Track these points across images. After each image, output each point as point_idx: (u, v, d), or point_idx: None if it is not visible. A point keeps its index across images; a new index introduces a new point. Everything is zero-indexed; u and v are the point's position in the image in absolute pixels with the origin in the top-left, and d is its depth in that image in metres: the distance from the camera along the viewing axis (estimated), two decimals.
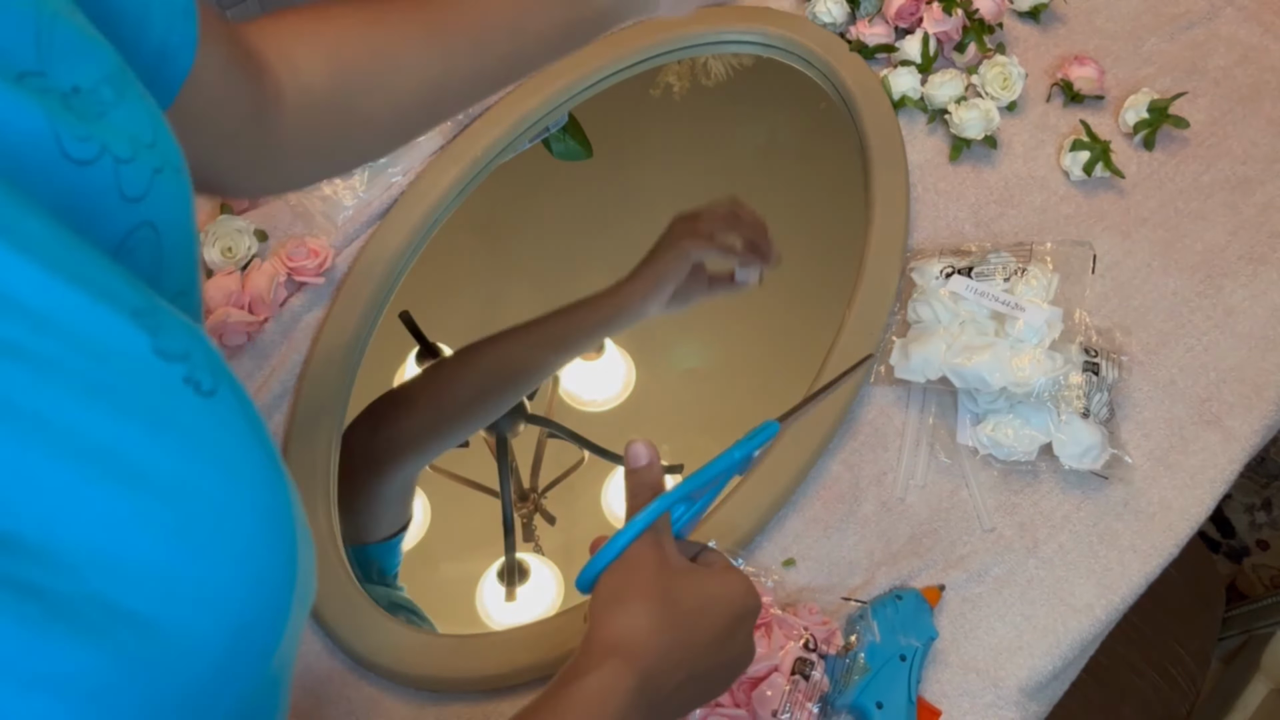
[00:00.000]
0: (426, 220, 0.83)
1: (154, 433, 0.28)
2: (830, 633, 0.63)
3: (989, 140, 0.84)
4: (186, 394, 0.29)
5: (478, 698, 0.66)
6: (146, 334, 0.29)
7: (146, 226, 0.34)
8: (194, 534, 0.28)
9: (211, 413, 0.30)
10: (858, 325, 0.76)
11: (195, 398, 0.29)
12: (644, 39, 0.91)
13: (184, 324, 0.30)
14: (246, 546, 0.30)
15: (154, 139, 0.35)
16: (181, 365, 0.29)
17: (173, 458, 0.28)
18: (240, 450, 0.30)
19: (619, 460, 0.85)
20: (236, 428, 0.30)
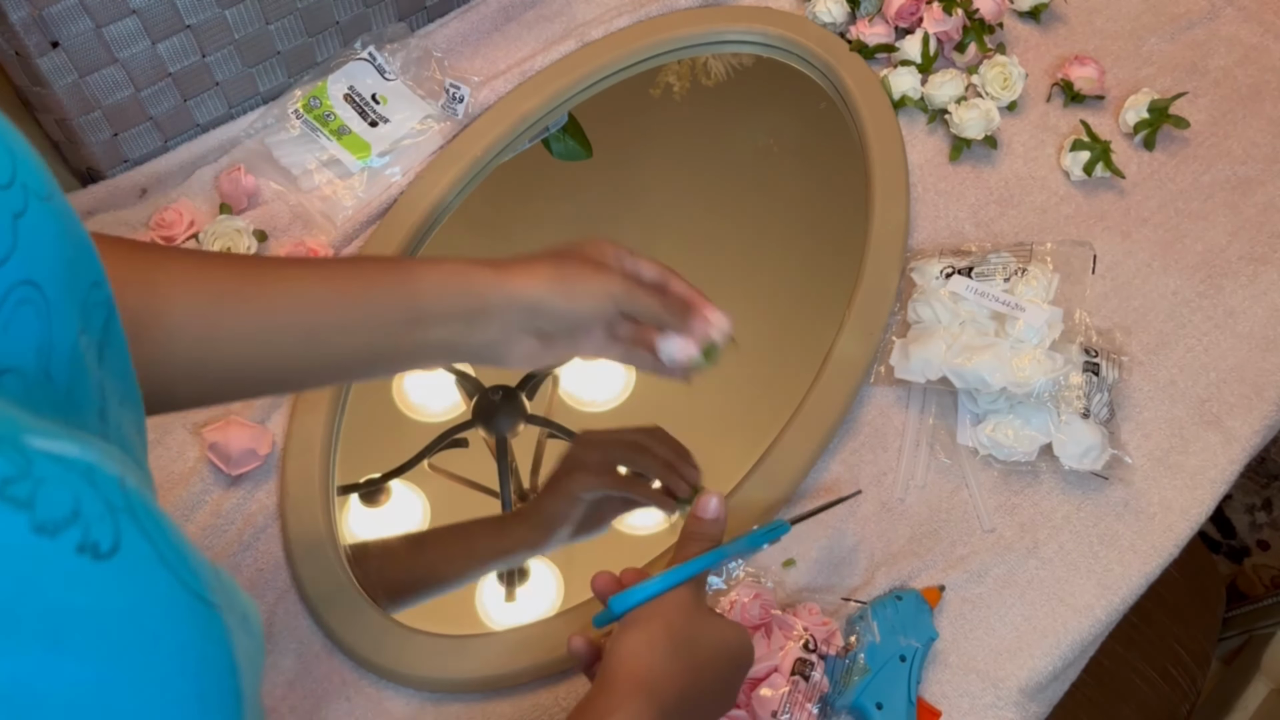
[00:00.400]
0: (426, 220, 0.83)
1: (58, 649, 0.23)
2: (830, 633, 0.63)
3: (989, 140, 0.84)
4: (84, 566, 0.24)
5: (478, 698, 0.66)
6: (22, 511, 0.23)
7: (24, 286, 0.29)
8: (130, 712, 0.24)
9: (116, 578, 0.25)
10: (858, 325, 0.76)
11: (94, 566, 0.24)
12: (644, 39, 0.91)
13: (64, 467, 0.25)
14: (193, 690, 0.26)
15: (11, 175, 0.29)
16: (71, 531, 0.24)
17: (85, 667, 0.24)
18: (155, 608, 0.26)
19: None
20: (145, 581, 0.26)
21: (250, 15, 0.81)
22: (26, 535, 0.23)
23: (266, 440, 0.72)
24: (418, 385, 0.88)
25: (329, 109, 0.86)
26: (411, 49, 0.88)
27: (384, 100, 0.86)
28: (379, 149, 0.85)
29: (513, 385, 0.85)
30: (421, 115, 0.86)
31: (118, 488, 0.26)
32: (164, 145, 0.85)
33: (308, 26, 0.85)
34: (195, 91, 0.83)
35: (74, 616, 0.24)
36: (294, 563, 0.69)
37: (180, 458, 0.73)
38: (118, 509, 0.26)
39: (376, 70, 0.87)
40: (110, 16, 0.75)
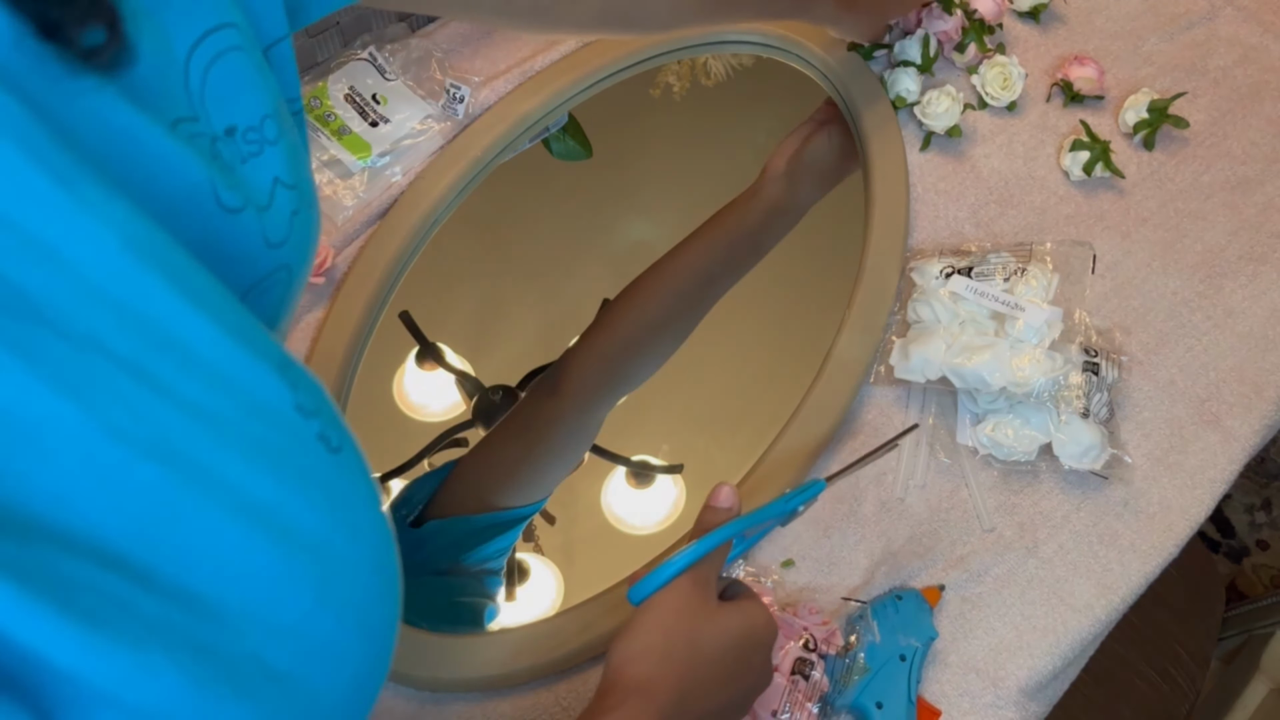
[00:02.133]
0: (426, 220, 0.83)
1: (302, 491, 0.28)
2: (830, 633, 0.64)
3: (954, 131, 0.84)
4: (320, 451, 0.30)
5: (478, 698, 0.66)
6: (289, 389, 0.29)
7: (283, 270, 0.35)
8: (329, 593, 0.28)
9: (340, 469, 0.30)
10: (858, 325, 0.76)
11: (327, 454, 0.30)
12: (644, 39, 0.91)
13: (311, 378, 0.31)
14: (365, 604, 0.30)
15: (296, 179, 0.36)
16: (316, 421, 0.30)
17: (316, 515, 0.28)
18: (362, 507, 0.31)
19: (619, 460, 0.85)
20: (359, 485, 0.31)
21: None
22: (291, 409, 0.29)
23: None
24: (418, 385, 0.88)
25: (329, 109, 0.86)
26: (412, 49, 0.88)
27: (384, 100, 0.86)
28: (379, 149, 0.85)
29: (513, 385, 0.86)
30: (422, 115, 0.86)
31: (339, 416, 0.32)
32: None
33: (308, 27, 0.85)
34: None
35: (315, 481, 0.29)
36: None
37: None
38: (341, 425, 0.31)
39: (377, 70, 0.87)
40: None
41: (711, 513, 0.56)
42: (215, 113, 0.32)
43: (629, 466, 0.85)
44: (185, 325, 0.27)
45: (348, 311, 0.79)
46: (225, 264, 0.31)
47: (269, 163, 0.34)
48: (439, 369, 0.88)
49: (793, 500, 0.56)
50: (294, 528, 0.28)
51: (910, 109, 0.86)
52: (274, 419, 0.28)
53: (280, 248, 0.34)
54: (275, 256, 0.34)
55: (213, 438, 0.27)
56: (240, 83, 0.33)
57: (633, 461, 0.85)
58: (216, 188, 0.31)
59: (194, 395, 0.27)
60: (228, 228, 0.32)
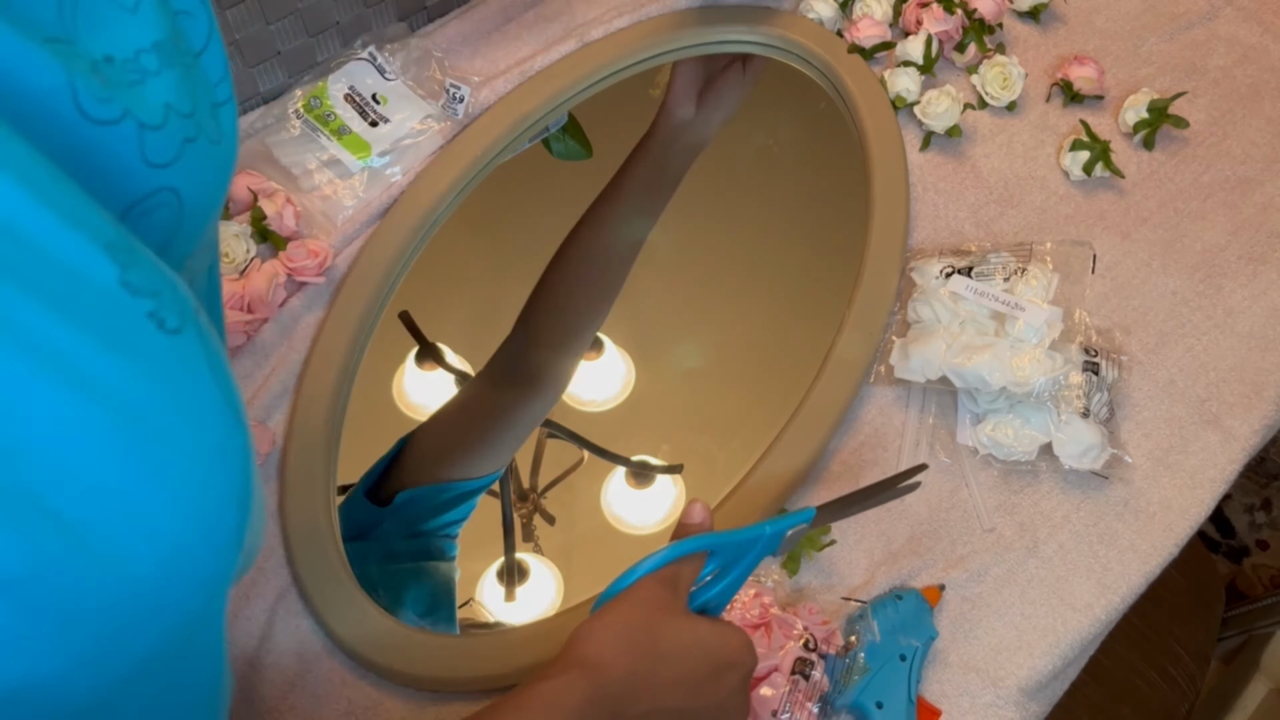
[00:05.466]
0: (426, 220, 0.83)
1: (109, 350, 0.28)
2: (830, 633, 0.63)
3: (954, 131, 0.84)
4: (149, 328, 0.29)
5: (478, 698, 0.66)
6: (115, 265, 0.28)
7: (168, 191, 0.34)
8: (136, 453, 0.28)
9: (171, 349, 0.29)
10: (858, 325, 0.76)
11: (157, 333, 0.29)
12: (644, 39, 0.91)
13: (161, 269, 0.30)
14: (192, 479, 0.29)
15: (193, 109, 0.35)
16: (148, 301, 0.29)
17: (125, 378, 0.28)
18: (198, 389, 0.30)
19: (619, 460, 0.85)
20: (196, 368, 0.30)
21: (250, 15, 0.81)
22: (114, 283, 0.28)
23: (267, 440, 0.73)
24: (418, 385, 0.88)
25: (329, 109, 0.86)
26: (411, 49, 0.88)
27: (384, 100, 0.86)
28: (379, 149, 0.85)
29: None
30: (422, 115, 0.86)
31: (191, 308, 0.31)
32: None
33: (308, 27, 0.85)
34: None
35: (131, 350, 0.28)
36: (294, 562, 0.69)
37: None
38: (188, 314, 0.30)
39: (377, 70, 0.87)
40: None
41: (684, 529, 0.55)
42: (89, 39, 0.33)
43: (629, 466, 0.85)
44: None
45: (348, 311, 0.79)
46: (90, 174, 0.30)
47: (159, 89, 0.34)
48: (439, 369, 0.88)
49: (778, 525, 0.54)
50: (98, 382, 0.27)
51: (910, 109, 0.86)
52: (87, 284, 0.27)
53: (165, 169, 0.34)
54: (157, 177, 0.34)
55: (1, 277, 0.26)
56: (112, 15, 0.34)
57: (633, 461, 0.85)
58: (79, 97, 0.31)
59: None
60: (93, 138, 0.31)
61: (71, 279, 0.27)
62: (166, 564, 0.29)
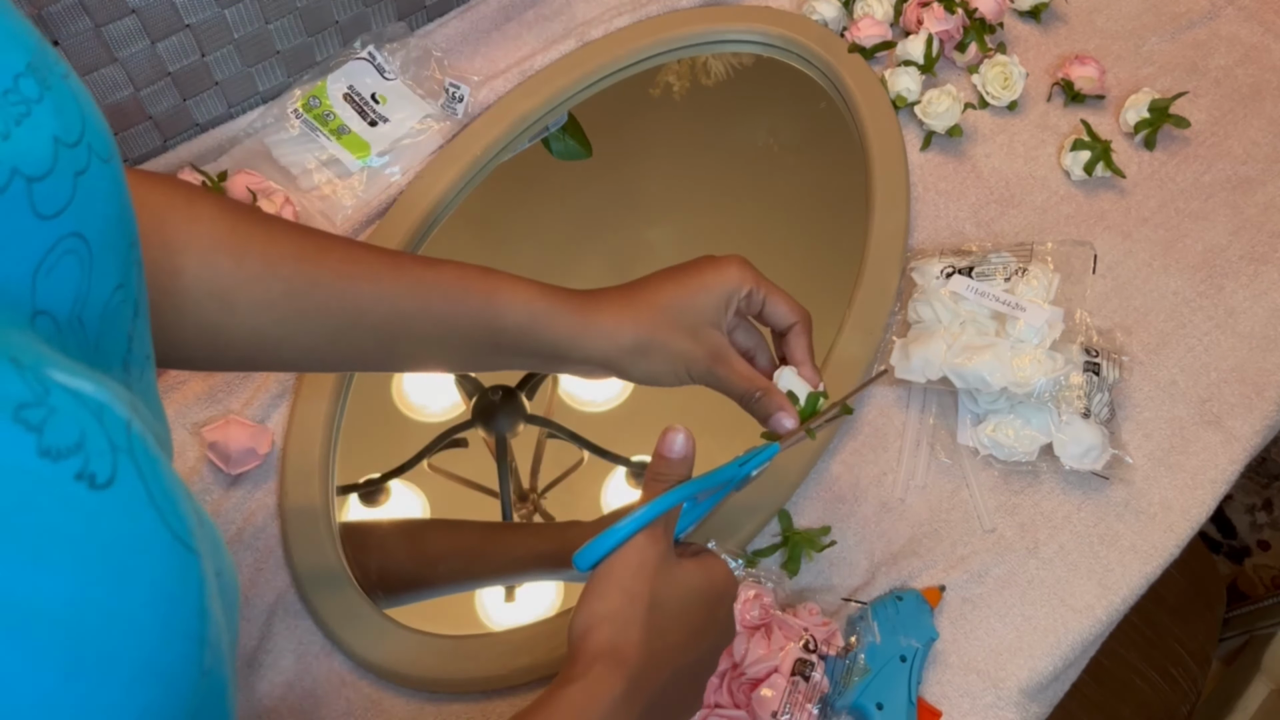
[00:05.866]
0: (426, 220, 0.83)
1: (42, 563, 0.25)
2: (830, 634, 0.63)
3: (955, 130, 0.84)
4: (79, 492, 0.26)
5: (477, 698, 0.66)
6: (32, 434, 0.25)
7: (72, 238, 0.31)
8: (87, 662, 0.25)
9: (106, 508, 0.26)
10: (858, 325, 0.76)
11: (88, 494, 0.26)
12: (644, 39, 0.91)
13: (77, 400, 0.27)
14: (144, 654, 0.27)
15: (80, 134, 0.32)
16: (73, 460, 0.26)
17: (64, 583, 0.25)
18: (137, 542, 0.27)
19: (618, 460, 0.85)
20: (134, 515, 0.27)
21: (250, 15, 0.81)
22: (33, 456, 0.25)
23: (266, 440, 0.72)
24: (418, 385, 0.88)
25: (328, 108, 0.86)
26: (411, 48, 0.88)
27: (383, 100, 0.86)
28: (378, 148, 0.85)
29: (512, 385, 0.85)
30: (421, 115, 0.86)
31: (123, 429, 0.28)
32: (163, 145, 0.85)
33: (307, 26, 0.85)
34: (195, 91, 0.83)
35: (62, 537, 0.25)
36: (293, 563, 0.69)
37: (180, 457, 0.72)
38: (119, 448, 0.27)
39: (376, 70, 0.87)
40: (109, 16, 0.74)
41: (664, 463, 0.52)
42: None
43: (629, 467, 0.85)
44: None
45: None
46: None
47: (43, 120, 0.30)
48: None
49: (747, 464, 0.54)
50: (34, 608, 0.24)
51: (910, 108, 0.86)
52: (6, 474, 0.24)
53: (58, 217, 0.30)
54: (54, 228, 0.30)
55: None
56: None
57: (633, 462, 0.85)
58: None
59: None
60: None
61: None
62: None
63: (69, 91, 0.32)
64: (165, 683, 0.28)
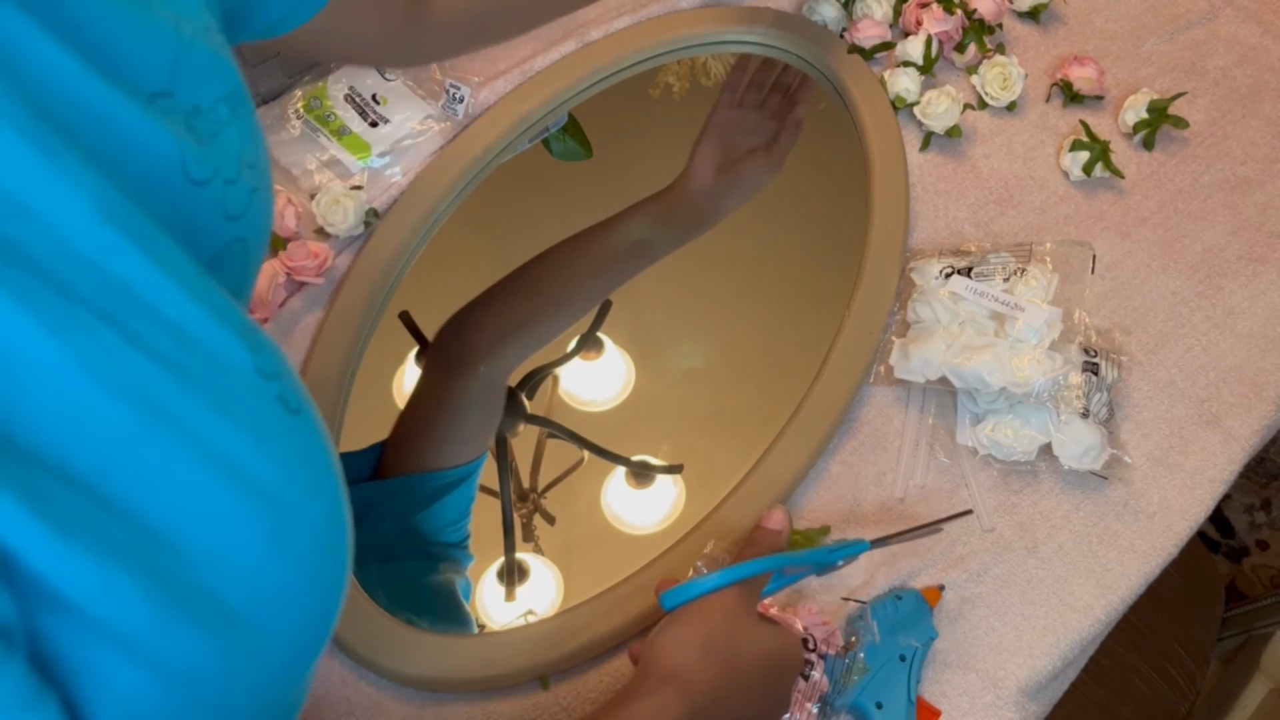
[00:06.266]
0: (426, 220, 0.83)
1: (261, 445, 0.30)
2: (830, 633, 0.64)
3: (954, 130, 0.84)
4: (280, 411, 0.31)
5: (478, 698, 0.66)
6: (250, 353, 0.31)
7: (239, 242, 0.37)
8: (283, 542, 0.30)
9: (298, 430, 0.32)
10: (858, 325, 0.76)
11: (286, 415, 0.32)
12: (644, 39, 0.91)
13: (273, 345, 0.33)
14: (316, 556, 0.32)
15: (255, 159, 0.38)
16: (275, 384, 0.32)
17: (273, 468, 0.30)
18: (318, 466, 0.32)
19: (619, 460, 0.85)
20: (316, 445, 0.33)
21: None
22: (252, 370, 0.31)
23: None
24: None
25: (329, 109, 0.86)
26: None
27: (384, 100, 0.86)
28: (379, 149, 0.85)
29: (513, 385, 0.86)
30: (422, 115, 0.86)
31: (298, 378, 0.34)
32: None
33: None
34: None
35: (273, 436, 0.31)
36: None
37: None
38: (299, 390, 0.33)
39: (376, 70, 0.87)
40: None
41: (763, 533, 0.59)
42: (186, 90, 0.34)
43: (629, 466, 0.85)
44: (153, 288, 0.29)
45: (348, 311, 0.79)
46: (190, 233, 0.33)
47: (232, 140, 0.36)
48: None
49: (835, 553, 0.59)
50: (252, 478, 0.29)
51: (910, 109, 0.86)
52: (237, 378, 0.30)
53: (238, 220, 0.36)
54: (233, 229, 0.36)
55: (180, 387, 0.28)
56: (207, 64, 0.36)
57: (633, 461, 0.85)
58: (186, 161, 0.33)
59: (163, 348, 0.28)
60: (194, 199, 0.33)
61: (226, 375, 0.30)
62: (298, 640, 0.31)
63: (254, 125, 0.38)
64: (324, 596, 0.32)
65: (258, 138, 0.39)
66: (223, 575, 0.28)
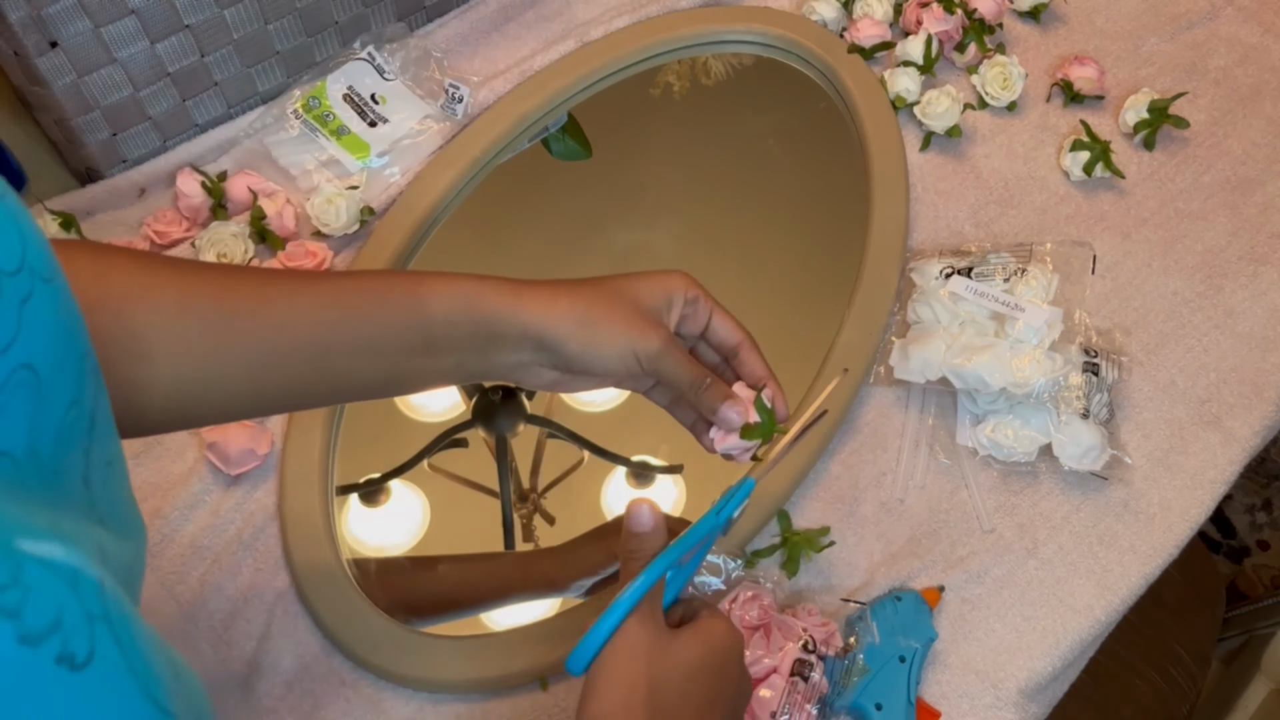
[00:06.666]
0: (425, 220, 0.83)
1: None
2: (829, 634, 0.63)
3: (954, 130, 0.84)
4: (61, 676, 0.25)
5: (477, 698, 0.66)
6: (10, 620, 0.24)
7: (22, 370, 0.29)
8: None
9: (88, 688, 0.26)
10: (857, 325, 0.76)
11: (70, 676, 0.25)
12: (644, 39, 0.91)
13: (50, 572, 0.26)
14: None
15: (21, 261, 0.29)
16: (52, 641, 0.25)
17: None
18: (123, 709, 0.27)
19: (619, 460, 0.85)
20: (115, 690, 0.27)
21: (249, 15, 0.81)
22: (13, 645, 0.24)
23: (265, 440, 0.72)
24: None
25: (328, 109, 0.86)
26: (411, 49, 0.88)
27: (383, 100, 0.86)
28: (378, 149, 0.85)
29: (513, 385, 0.85)
30: (421, 115, 0.86)
31: (96, 595, 0.27)
32: (163, 145, 0.85)
33: (307, 26, 0.85)
34: (194, 92, 0.83)
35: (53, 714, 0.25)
36: (293, 562, 0.69)
37: (179, 458, 0.73)
38: (95, 617, 0.27)
39: (376, 70, 0.87)
40: (109, 16, 0.75)
41: (635, 539, 0.50)
42: None
43: (629, 466, 0.85)
44: None
45: None
46: None
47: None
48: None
49: (724, 509, 0.52)
50: None
51: (910, 109, 0.86)
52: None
53: (7, 351, 0.28)
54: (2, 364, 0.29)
55: None
56: None
57: (633, 461, 0.85)
58: None
59: None
60: None
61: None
62: None
63: (7, 213, 0.30)
64: None
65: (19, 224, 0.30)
66: None
